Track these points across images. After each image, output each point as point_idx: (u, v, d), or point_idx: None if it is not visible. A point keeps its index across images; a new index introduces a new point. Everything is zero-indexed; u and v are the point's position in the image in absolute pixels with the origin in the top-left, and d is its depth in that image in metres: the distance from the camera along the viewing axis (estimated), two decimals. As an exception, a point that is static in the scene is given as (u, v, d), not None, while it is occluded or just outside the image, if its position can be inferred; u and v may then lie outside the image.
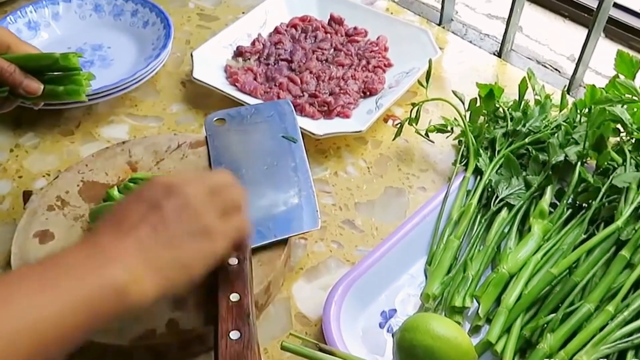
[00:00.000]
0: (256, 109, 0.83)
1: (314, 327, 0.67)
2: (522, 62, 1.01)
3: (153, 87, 0.94)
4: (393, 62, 0.96)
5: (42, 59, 0.67)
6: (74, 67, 0.67)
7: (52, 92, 0.67)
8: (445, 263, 0.69)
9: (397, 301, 0.69)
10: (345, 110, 0.87)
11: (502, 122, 0.82)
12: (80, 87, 0.67)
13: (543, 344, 0.60)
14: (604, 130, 0.72)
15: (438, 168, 0.83)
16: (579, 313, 0.62)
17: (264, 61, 0.96)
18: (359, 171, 0.83)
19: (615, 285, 0.63)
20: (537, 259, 0.67)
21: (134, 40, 0.98)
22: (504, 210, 0.74)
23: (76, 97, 0.67)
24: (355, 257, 0.73)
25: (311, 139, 0.83)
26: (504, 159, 0.77)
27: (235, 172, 0.74)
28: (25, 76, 0.65)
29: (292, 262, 0.72)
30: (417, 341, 0.58)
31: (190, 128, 0.88)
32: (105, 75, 0.91)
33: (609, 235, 0.66)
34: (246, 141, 0.79)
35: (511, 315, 0.63)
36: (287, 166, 0.75)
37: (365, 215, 0.78)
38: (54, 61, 0.66)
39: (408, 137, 0.86)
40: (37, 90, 0.66)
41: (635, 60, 0.73)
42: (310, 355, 0.58)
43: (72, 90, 0.67)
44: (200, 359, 0.63)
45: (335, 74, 0.93)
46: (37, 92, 0.66)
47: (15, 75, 0.64)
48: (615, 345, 0.59)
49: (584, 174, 0.73)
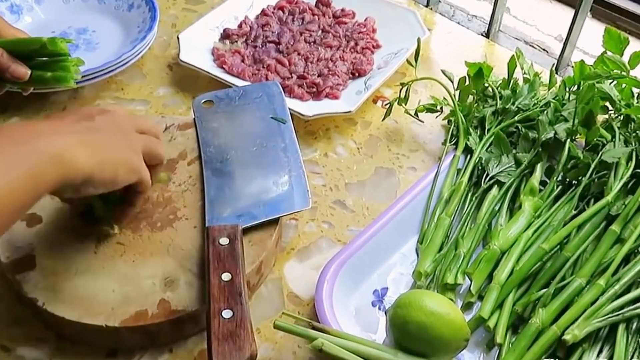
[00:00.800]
0: (244, 90, 0.82)
1: (306, 306, 0.67)
2: (510, 42, 1.01)
3: (139, 71, 0.93)
4: (381, 44, 0.96)
5: (30, 44, 0.66)
6: (62, 53, 0.66)
7: (39, 78, 0.66)
8: (436, 241, 0.69)
9: (389, 280, 0.69)
10: (334, 91, 0.87)
11: (492, 101, 0.82)
12: (69, 74, 0.66)
13: (535, 319, 0.60)
14: (593, 106, 0.72)
15: (428, 148, 0.83)
16: (570, 288, 0.62)
17: (252, 43, 0.95)
18: (349, 152, 0.83)
19: (606, 260, 0.64)
20: (528, 236, 0.67)
21: (119, 24, 0.97)
22: (495, 188, 0.74)
23: (65, 84, 0.67)
24: (346, 237, 0.73)
25: (300, 121, 0.82)
26: (494, 137, 0.77)
27: (224, 154, 0.74)
28: (12, 61, 0.64)
29: (283, 243, 0.72)
30: (410, 317, 0.58)
31: (177, 111, 0.87)
32: (90, 58, 0.89)
33: (599, 210, 0.67)
34: (235, 123, 0.78)
35: (503, 291, 0.64)
36: (276, 147, 0.75)
37: (355, 195, 0.77)
38: (42, 45, 0.65)
39: (397, 117, 0.86)
40: (24, 76, 0.65)
41: (623, 37, 0.74)
42: (303, 334, 0.58)
43: (60, 77, 0.66)
44: (193, 339, 0.63)
45: (323, 56, 0.92)
46: (24, 77, 0.65)
47: (2, 59, 0.64)
48: (607, 318, 0.60)
49: (573, 151, 0.73)
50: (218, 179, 0.71)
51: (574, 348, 0.60)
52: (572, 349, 0.60)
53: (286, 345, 0.63)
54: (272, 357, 0.63)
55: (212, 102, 0.80)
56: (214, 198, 0.69)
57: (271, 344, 0.63)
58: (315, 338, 0.57)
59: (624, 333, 0.60)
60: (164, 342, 0.63)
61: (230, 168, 0.72)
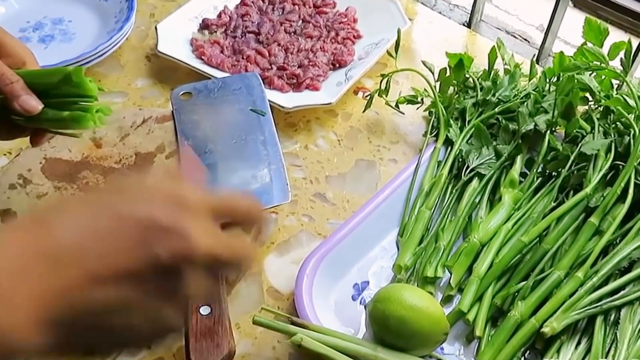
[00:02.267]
0: (223, 82, 0.81)
1: (286, 301, 0.66)
2: (492, 32, 1.01)
3: (117, 62, 0.91)
4: (362, 34, 0.95)
5: (51, 75, 0.57)
6: (87, 92, 0.57)
7: (53, 117, 0.57)
8: (416, 234, 0.69)
9: (369, 273, 0.68)
10: (314, 82, 0.86)
11: (472, 92, 0.82)
12: (89, 114, 0.57)
13: (514, 312, 0.60)
14: (573, 98, 0.72)
15: (409, 140, 0.83)
16: (549, 280, 0.62)
17: (231, 34, 0.94)
18: (330, 144, 0.82)
19: (585, 252, 0.64)
20: (508, 228, 0.67)
21: (95, 14, 0.95)
22: (475, 180, 0.73)
23: (82, 126, 0.57)
24: (326, 230, 0.72)
25: (280, 113, 0.82)
26: (474, 129, 0.77)
27: (202, 147, 0.73)
28: (26, 91, 0.56)
29: (262, 237, 0.71)
30: (390, 312, 0.57)
31: (156, 103, 0.86)
32: (67, 50, 0.88)
33: (578, 202, 0.67)
34: (214, 115, 0.77)
35: (482, 284, 0.64)
36: (256, 140, 0.74)
37: (336, 188, 0.77)
38: (65, 76, 0.56)
39: (378, 109, 0.85)
40: (35, 109, 0.56)
41: (603, 28, 0.73)
42: (282, 329, 0.58)
43: (79, 117, 0.57)
44: (171, 336, 0.62)
45: (303, 46, 0.91)
46: (34, 111, 0.56)
47: (15, 86, 0.56)
48: (585, 310, 0.60)
49: (553, 142, 0.73)
50: (196, 173, 0.70)
51: (552, 340, 0.60)
52: (551, 341, 0.60)
53: (266, 341, 0.62)
54: (251, 352, 0.62)
55: (190, 94, 0.79)
56: (191, 192, 0.68)
57: (250, 339, 0.63)
58: (294, 333, 0.57)
59: (602, 325, 0.60)
60: (142, 339, 0.62)
61: (208, 161, 0.71)
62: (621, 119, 0.73)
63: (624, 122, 0.73)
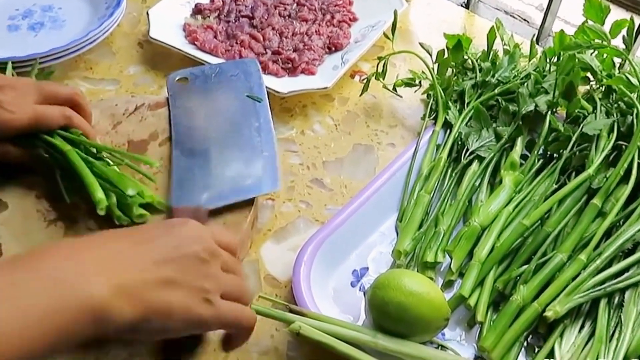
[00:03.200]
0: (221, 68, 0.79)
1: (284, 288, 0.65)
2: (490, 13, 0.99)
3: (108, 49, 0.89)
4: (358, 16, 0.93)
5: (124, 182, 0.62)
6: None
7: None
8: (416, 219, 0.67)
9: (368, 259, 0.67)
10: (310, 66, 0.84)
11: (471, 74, 0.80)
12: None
13: (516, 296, 0.59)
14: (574, 77, 0.71)
15: (407, 123, 0.81)
16: (552, 263, 0.61)
17: (224, 18, 0.92)
18: (326, 129, 0.81)
19: (587, 234, 0.63)
20: (509, 211, 0.66)
21: (85, 0, 0.93)
22: (475, 163, 0.72)
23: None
24: (324, 216, 0.71)
25: (276, 98, 0.80)
26: (474, 111, 0.75)
27: (196, 133, 0.72)
28: None
29: (259, 224, 0.70)
30: (389, 298, 0.56)
31: (149, 90, 0.84)
32: (57, 37, 0.87)
33: (580, 184, 0.65)
34: (209, 101, 0.76)
35: (484, 269, 0.62)
36: (250, 126, 0.72)
37: (333, 173, 0.76)
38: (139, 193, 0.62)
39: (375, 92, 0.84)
40: None
41: (604, 6, 0.72)
42: (280, 317, 0.57)
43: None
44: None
45: (298, 30, 0.89)
46: None
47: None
48: (588, 294, 0.59)
49: (554, 123, 0.72)
50: (188, 159, 0.69)
51: (555, 324, 0.59)
52: (554, 325, 0.59)
53: (264, 329, 0.61)
54: (250, 340, 0.61)
55: (186, 79, 0.77)
56: (182, 179, 0.67)
57: (248, 328, 0.62)
58: (292, 321, 0.56)
59: (606, 308, 0.59)
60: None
61: (201, 148, 0.70)
62: (624, 99, 0.71)
63: (626, 102, 0.71)
